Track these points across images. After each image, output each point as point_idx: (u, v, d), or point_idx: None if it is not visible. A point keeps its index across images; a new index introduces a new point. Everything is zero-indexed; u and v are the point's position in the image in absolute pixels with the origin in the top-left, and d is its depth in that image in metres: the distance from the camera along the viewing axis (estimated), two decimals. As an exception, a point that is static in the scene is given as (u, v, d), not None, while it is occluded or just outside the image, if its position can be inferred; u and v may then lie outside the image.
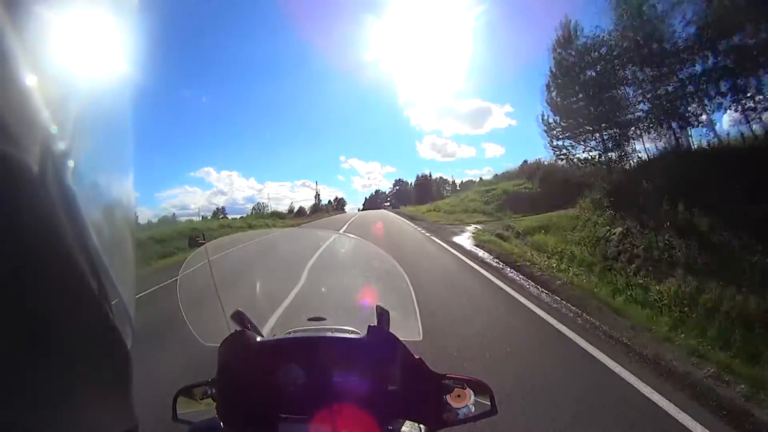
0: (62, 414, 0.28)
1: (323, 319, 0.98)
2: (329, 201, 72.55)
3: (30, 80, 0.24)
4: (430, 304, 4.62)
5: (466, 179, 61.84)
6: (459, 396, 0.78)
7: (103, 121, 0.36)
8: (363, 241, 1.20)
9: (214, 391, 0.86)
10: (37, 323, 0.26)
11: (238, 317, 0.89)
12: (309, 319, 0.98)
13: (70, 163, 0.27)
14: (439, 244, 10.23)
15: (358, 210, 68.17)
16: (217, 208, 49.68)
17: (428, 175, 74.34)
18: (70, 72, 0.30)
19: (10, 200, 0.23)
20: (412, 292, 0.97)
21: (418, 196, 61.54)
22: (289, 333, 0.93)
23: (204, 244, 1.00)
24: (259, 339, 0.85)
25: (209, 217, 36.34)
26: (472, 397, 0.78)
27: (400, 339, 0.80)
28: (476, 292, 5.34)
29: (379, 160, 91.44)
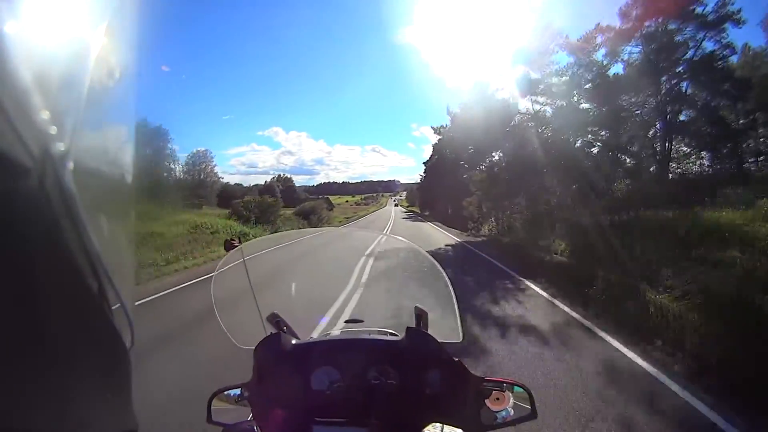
0: (62, 414, 0.28)
1: (361, 321, 0.97)
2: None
3: (30, 81, 0.24)
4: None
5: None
6: (498, 399, 0.76)
7: (104, 122, 0.36)
8: (399, 240, 1.16)
9: (248, 393, 0.84)
10: (37, 324, 0.25)
11: (274, 320, 0.88)
12: (346, 322, 0.99)
13: (70, 164, 0.27)
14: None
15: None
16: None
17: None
18: (70, 72, 0.30)
19: (9, 201, 0.23)
20: (452, 292, 0.94)
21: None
22: (326, 335, 0.93)
23: (239, 246, 0.98)
24: (294, 341, 0.84)
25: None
26: (511, 400, 0.76)
27: (440, 341, 0.78)
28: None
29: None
